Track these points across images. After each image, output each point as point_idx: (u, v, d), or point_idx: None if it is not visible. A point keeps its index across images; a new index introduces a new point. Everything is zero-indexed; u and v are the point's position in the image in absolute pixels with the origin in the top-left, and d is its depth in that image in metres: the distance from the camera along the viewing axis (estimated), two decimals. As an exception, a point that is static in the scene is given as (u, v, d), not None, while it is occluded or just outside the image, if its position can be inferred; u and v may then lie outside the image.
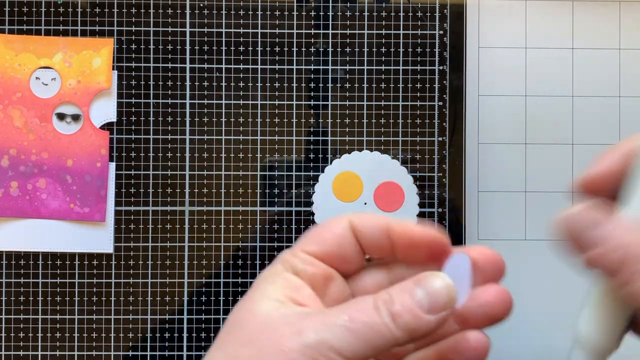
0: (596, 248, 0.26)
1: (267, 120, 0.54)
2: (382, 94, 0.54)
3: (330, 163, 0.54)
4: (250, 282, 0.50)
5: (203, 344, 0.53)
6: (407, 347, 0.31)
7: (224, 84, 0.54)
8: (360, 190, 0.53)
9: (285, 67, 0.54)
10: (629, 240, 0.25)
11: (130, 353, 0.53)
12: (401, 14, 0.54)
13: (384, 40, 0.54)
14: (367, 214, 0.31)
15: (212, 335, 0.53)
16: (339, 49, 0.54)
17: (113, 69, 0.53)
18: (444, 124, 0.54)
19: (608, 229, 0.26)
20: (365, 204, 0.53)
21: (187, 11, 0.54)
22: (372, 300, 0.28)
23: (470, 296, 0.29)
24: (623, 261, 0.25)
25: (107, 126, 0.53)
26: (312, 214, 0.53)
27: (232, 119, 0.54)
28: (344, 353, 0.26)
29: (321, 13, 0.54)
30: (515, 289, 0.54)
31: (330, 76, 0.54)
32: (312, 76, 0.54)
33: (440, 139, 0.54)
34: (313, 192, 0.54)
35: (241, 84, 0.54)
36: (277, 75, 0.54)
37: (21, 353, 0.53)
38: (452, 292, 0.28)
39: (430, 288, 0.28)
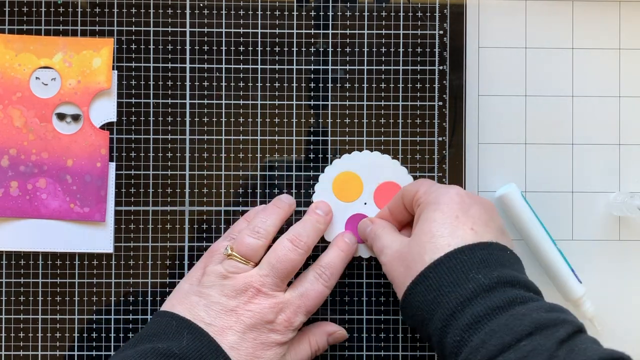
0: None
1: (267, 120, 0.54)
2: (382, 94, 0.54)
3: (330, 163, 0.54)
4: (250, 282, 0.50)
5: (203, 344, 0.53)
6: None
7: (224, 84, 0.54)
8: (360, 190, 0.53)
9: (285, 67, 0.54)
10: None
11: (130, 353, 0.53)
12: (401, 14, 0.54)
13: (384, 40, 0.54)
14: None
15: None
16: (339, 49, 0.54)
17: (113, 69, 0.53)
18: (444, 124, 0.54)
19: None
20: (365, 204, 0.53)
21: (187, 11, 0.54)
22: None
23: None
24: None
25: (107, 126, 0.53)
26: (312, 214, 0.53)
27: (232, 119, 0.54)
28: None
29: (321, 13, 0.54)
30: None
31: (330, 76, 0.54)
32: (312, 76, 0.54)
33: (440, 139, 0.54)
34: (313, 192, 0.53)
35: (241, 84, 0.54)
36: (277, 75, 0.54)
37: (21, 353, 0.53)
38: None
39: None
